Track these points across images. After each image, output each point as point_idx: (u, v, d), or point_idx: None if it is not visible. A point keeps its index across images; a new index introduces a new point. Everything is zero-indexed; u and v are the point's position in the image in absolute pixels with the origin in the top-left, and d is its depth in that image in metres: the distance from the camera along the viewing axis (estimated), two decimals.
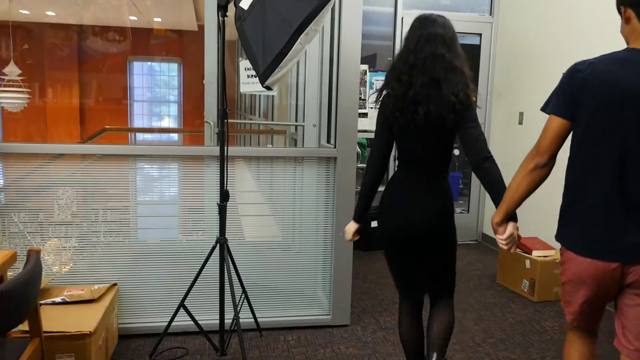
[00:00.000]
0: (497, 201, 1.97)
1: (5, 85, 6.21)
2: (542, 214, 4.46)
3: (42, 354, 1.94)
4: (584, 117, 1.71)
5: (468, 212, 5.51)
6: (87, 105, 11.32)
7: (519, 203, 1.89)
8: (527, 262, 3.86)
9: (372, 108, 5.07)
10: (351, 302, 3.29)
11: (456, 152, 6.03)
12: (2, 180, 2.92)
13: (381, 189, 2.28)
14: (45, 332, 2.07)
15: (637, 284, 1.72)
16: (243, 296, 2.97)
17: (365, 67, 5.00)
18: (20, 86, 6.37)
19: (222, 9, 2.50)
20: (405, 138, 2.14)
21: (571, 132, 1.78)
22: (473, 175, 5.39)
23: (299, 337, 3.10)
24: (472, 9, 5.23)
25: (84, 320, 2.50)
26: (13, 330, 2.01)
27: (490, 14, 5.23)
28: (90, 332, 2.41)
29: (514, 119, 4.90)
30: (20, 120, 10.43)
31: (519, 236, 1.99)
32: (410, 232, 2.14)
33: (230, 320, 2.82)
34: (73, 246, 3.00)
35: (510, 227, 1.95)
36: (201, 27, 10.55)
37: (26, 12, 9.43)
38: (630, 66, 1.66)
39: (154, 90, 12.56)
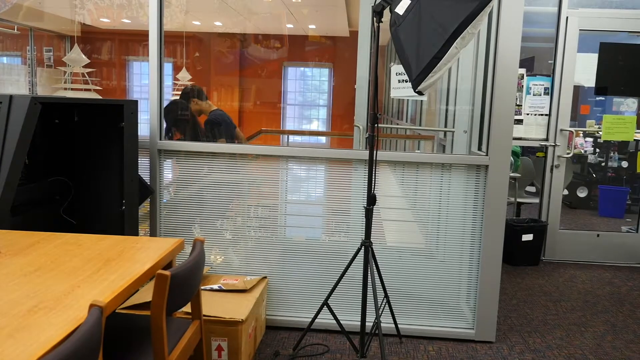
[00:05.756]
0: None
1: (177, 89, 6.89)
2: None
3: (201, 335, 2.12)
4: None
5: (637, 232, 4.93)
6: (246, 108, 12.20)
7: None
8: None
9: (528, 114, 4.78)
10: (497, 318, 3.12)
11: (624, 163, 5.44)
12: (170, 175, 3.26)
13: None
14: (203, 315, 2.26)
15: None
16: (385, 300, 2.97)
17: (522, 70, 4.73)
18: None
19: (377, 15, 2.54)
20: None
21: None
22: None
23: (439, 349, 3.02)
24: None
25: (237, 308, 2.69)
26: (177, 311, 2.22)
27: None
28: (242, 319, 2.58)
29: None
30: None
31: None
32: None
33: (371, 324, 2.84)
34: (228, 238, 3.25)
35: None
36: (352, 33, 10.78)
37: (198, 23, 10.40)
38: None
39: (305, 95, 13.12)
